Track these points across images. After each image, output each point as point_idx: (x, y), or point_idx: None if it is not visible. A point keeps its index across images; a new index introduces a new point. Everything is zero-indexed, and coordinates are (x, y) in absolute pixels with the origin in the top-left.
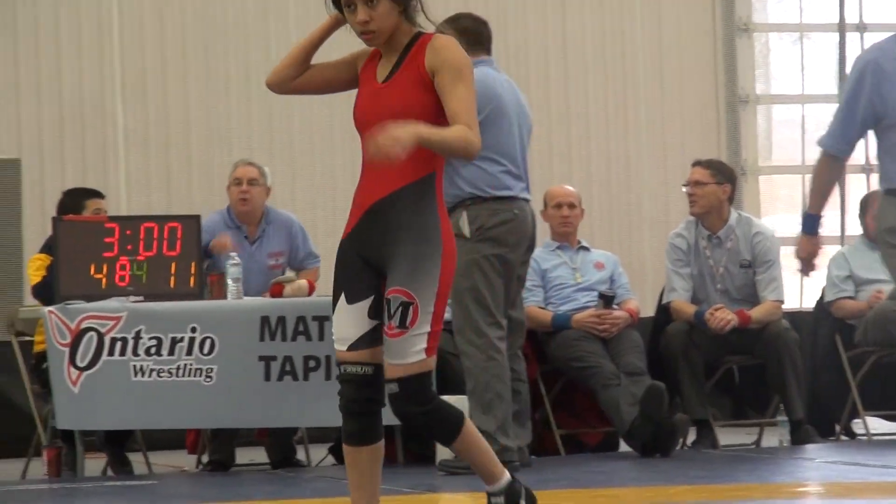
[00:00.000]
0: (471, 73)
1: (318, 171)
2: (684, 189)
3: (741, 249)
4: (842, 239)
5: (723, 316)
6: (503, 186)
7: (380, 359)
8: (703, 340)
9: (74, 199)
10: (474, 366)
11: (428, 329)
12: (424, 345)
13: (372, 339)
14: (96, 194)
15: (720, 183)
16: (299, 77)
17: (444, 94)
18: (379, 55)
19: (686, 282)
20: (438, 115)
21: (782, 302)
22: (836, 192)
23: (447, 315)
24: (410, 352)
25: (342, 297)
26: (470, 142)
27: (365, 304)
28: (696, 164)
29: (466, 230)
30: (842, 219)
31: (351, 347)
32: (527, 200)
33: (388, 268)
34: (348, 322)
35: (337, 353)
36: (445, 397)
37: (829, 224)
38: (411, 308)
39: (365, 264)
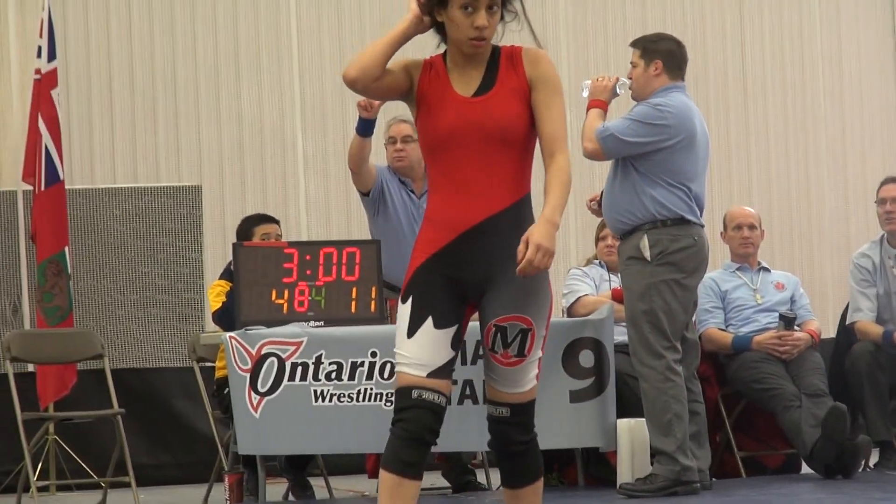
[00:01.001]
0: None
1: None
2: (878, 207)
3: None
4: None
5: None
6: (688, 211)
7: (450, 391)
8: (889, 361)
9: (246, 225)
10: (651, 387)
11: (539, 355)
12: (536, 370)
13: (450, 370)
14: (268, 219)
15: None
16: (380, 77)
17: (540, 110)
18: (435, 68)
19: (872, 302)
20: (530, 127)
21: None
22: None
23: (623, 338)
24: (526, 379)
25: (429, 320)
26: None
27: (450, 332)
28: (891, 180)
29: (647, 253)
30: None
31: (432, 374)
32: (702, 226)
33: (492, 294)
34: (433, 347)
35: (409, 377)
36: (624, 420)
37: None
38: (529, 335)
39: (454, 290)
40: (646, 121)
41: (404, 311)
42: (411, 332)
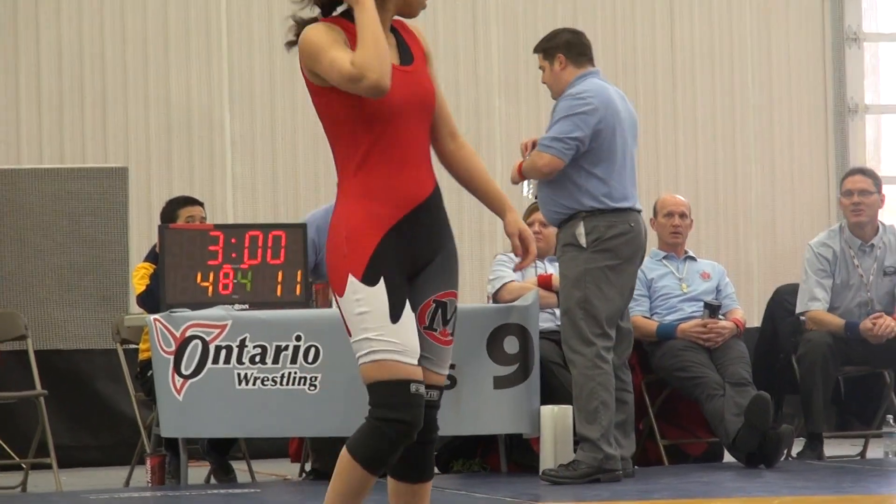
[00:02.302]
0: None
1: None
2: (845, 198)
3: (887, 256)
4: None
5: (887, 324)
6: (622, 198)
7: None
8: (838, 352)
9: (170, 207)
10: (580, 374)
11: None
12: None
13: None
14: (193, 202)
15: (878, 192)
16: None
17: (436, 86)
18: (353, 34)
19: (827, 293)
20: None
21: None
22: None
23: (548, 324)
24: (449, 360)
25: (408, 303)
26: None
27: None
28: (858, 171)
29: (583, 240)
30: None
31: (418, 364)
32: (639, 212)
33: (430, 269)
34: (414, 334)
35: (403, 367)
36: (548, 407)
37: None
38: (456, 312)
39: (405, 268)
40: (573, 112)
41: (377, 293)
42: (395, 316)
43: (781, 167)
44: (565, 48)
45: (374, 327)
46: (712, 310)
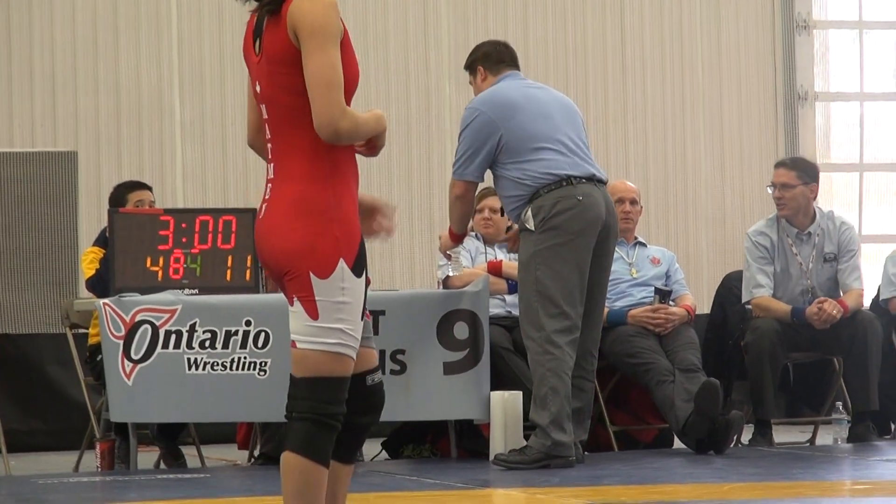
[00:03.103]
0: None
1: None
2: (769, 190)
3: (826, 243)
4: None
5: (832, 308)
6: (564, 168)
7: None
8: (785, 339)
9: (119, 192)
10: (531, 360)
11: None
12: None
13: None
14: (141, 186)
15: (806, 183)
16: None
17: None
18: None
19: (770, 279)
20: None
21: (863, 291)
22: (894, 189)
23: (498, 310)
24: None
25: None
26: None
27: None
28: (781, 164)
29: (531, 223)
30: None
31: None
32: (597, 183)
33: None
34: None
35: (352, 364)
36: (498, 393)
37: (886, 222)
38: None
39: None
40: (465, 128)
41: (360, 286)
42: (363, 312)
43: (731, 154)
44: (483, 59)
45: (350, 320)
46: (662, 295)
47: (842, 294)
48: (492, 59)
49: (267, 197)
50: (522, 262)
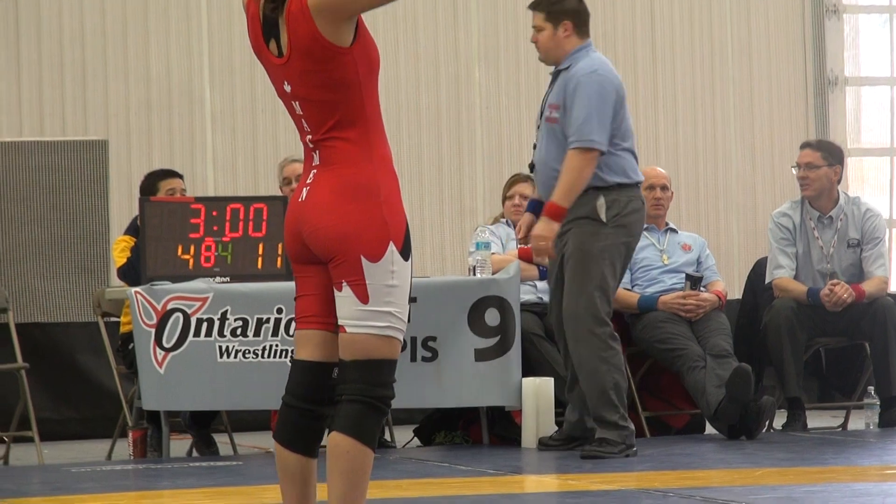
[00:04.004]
0: None
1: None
2: (794, 171)
3: (850, 228)
4: None
5: (843, 291)
6: (635, 173)
7: None
8: (808, 320)
9: (150, 180)
10: (594, 356)
11: None
12: None
13: None
14: (172, 174)
15: (831, 165)
16: None
17: None
18: None
19: (792, 260)
20: None
21: (888, 279)
22: None
23: (529, 296)
24: None
25: None
26: None
27: None
28: (807, 145)
29: (604, 215)
30: None
31: None
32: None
33: None
34: None
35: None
36: (529, 379)
37: None
38: None
39: None
40: (603, 95)
41: (407, 270)
42: (411, 298)
43: (761, 139)
44: (574, 15)
45: (399, 303)
46: (693, 281)
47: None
48: (581, 18)
49: (309, 181)
50: (587, 251)
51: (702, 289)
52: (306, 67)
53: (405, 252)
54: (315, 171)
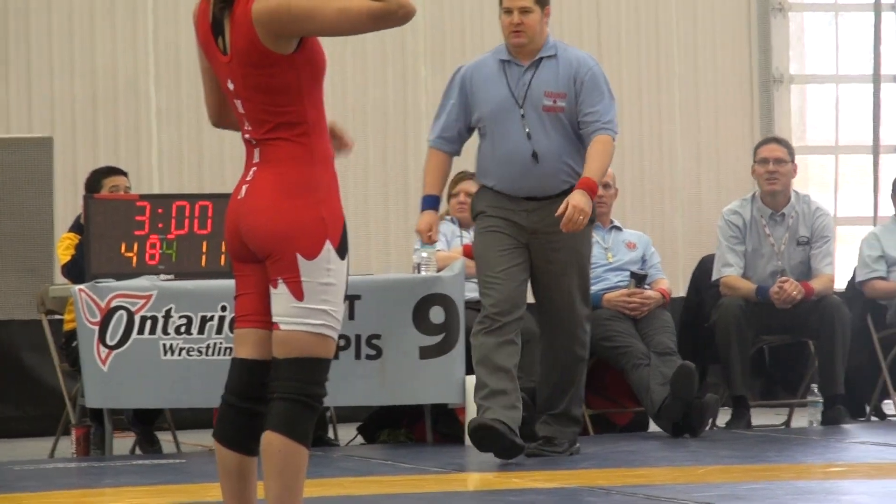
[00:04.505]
0: None
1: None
2: (759, 166)
3: (800, 226)
4: (874, 219)
5: (792, 288)
6: None
7: None
8: (755, 318)
9: (94, 178)
10: (582, 357)
11: None
12: None
13: None
14: (117, 171)
15: (792, 161)
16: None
17: None
18: None
19: (740, 258)
20: None
21: (834, 277)
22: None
23: (473, 294)
24: None
25: None
26: None
27: None
28: (773, 140)
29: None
30: (874, 199)
31: None
32: None
33: None
34: None
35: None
36: (473, 377)
37: (861, 204)
38: None
39: None
40: (609, 84)
41: (343, 269)
42: (346, 297)
43: (707, 137)
44: (548, 3)
45: (335, 302)
46: (638, 279)
47: (812, 278)
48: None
49: (249, 178)
50: (585, 254)
51: (646, 286)
52: (246, 70)
53: (342, 251)
54: (255, 168)
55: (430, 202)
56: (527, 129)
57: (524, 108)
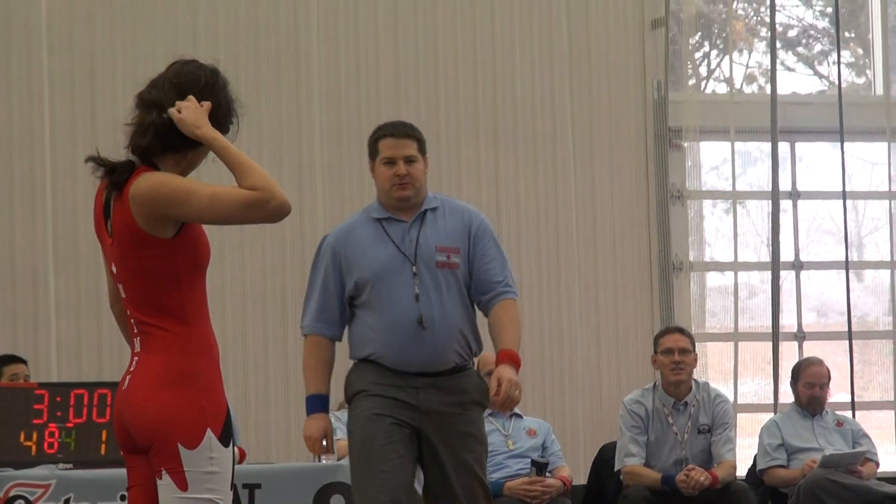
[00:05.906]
0: None
1: None
2: (663, 356)
3: (701, 414)
4: (775, 407)
5: (699, 475)
6: None
7: None
8: None
9: None
10: None
11: None
12: None
13: None
14: (16, 360)
15: (694, 350)
16: None
17: None
18: None
19: (642, 448)
20: None
21: (736, 463)
22: (769, 359)
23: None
24: None
25: None
26: None
27: None
28: (676, 330)
29: (485, 399)
30: (775, 386)
31: None
32: None
33: None
34: None
35: None
36: None
37: (761, 391)
38: None
39: None
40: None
41: (228, 456)
42: (232, 485)
43: (606, 325)
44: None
45: (221, 490)
46: (539, 467)
47: (715, 465)
48: None
49: (132, 369)
50: (484, 440)
51: (547, 474)
52: (125, 252)
53: (225, 438)
54: (137, 358)
55: (319, 403)
56: (416, 291)
57: (416, 265)
